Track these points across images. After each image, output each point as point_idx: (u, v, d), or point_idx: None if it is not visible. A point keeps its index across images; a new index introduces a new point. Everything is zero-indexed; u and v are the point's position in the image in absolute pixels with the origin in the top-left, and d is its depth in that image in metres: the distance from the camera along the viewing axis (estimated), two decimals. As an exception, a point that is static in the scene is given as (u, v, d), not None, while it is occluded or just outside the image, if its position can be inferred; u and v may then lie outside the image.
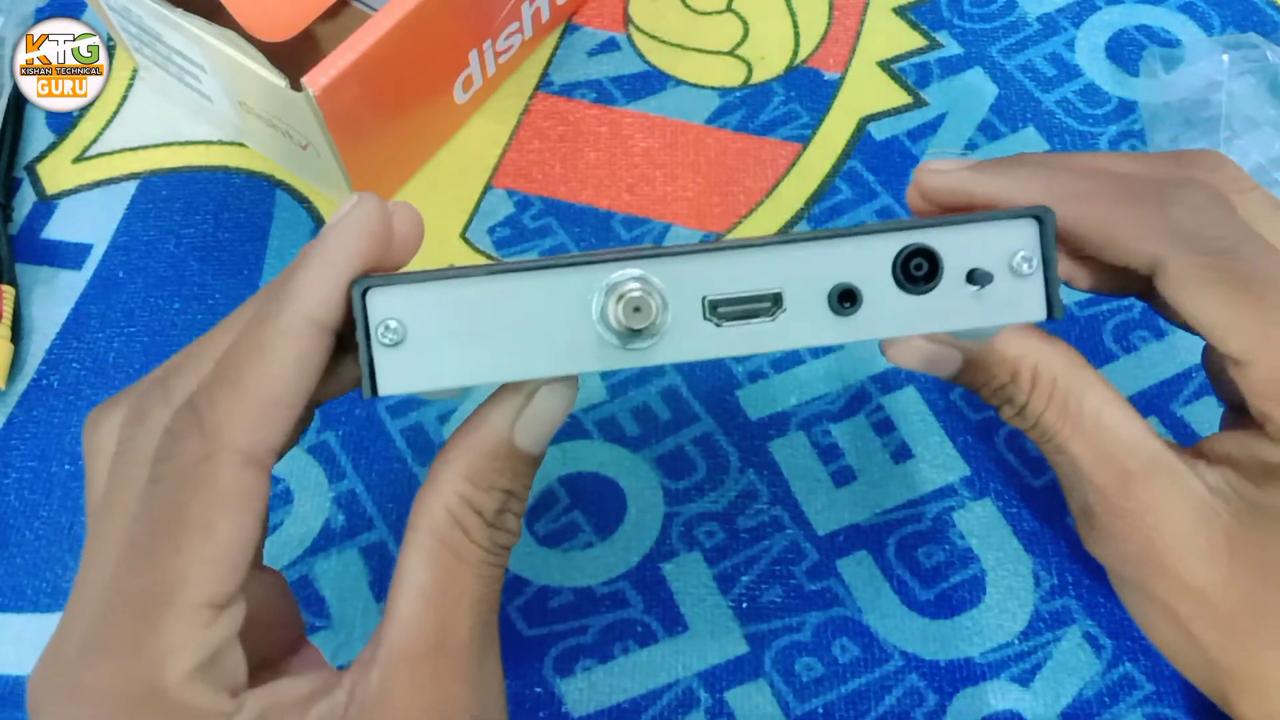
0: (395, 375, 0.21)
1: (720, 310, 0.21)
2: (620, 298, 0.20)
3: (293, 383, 0.20)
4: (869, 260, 0.21)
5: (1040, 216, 0.21)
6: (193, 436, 0.20)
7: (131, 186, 0.43)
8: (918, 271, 0.21)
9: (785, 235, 0.21)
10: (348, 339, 0.22)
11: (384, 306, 0.21)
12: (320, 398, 0.23)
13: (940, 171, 0.26)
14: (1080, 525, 0.28)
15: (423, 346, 0.21)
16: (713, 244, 0.21)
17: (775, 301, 0.21)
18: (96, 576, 0.20)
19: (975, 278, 0.21)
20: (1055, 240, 0.21)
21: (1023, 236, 0.21)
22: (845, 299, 0.21)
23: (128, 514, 0.20)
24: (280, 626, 0.24)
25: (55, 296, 0.40)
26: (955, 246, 0.21)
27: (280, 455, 0.21)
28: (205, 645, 0.20)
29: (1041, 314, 0.22)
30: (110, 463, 0.22)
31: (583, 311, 0.21)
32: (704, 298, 0.21)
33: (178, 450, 0.20)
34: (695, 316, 0.21)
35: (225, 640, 0.20)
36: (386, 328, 0.20)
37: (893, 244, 0.21)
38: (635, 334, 0.21)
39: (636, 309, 0.20)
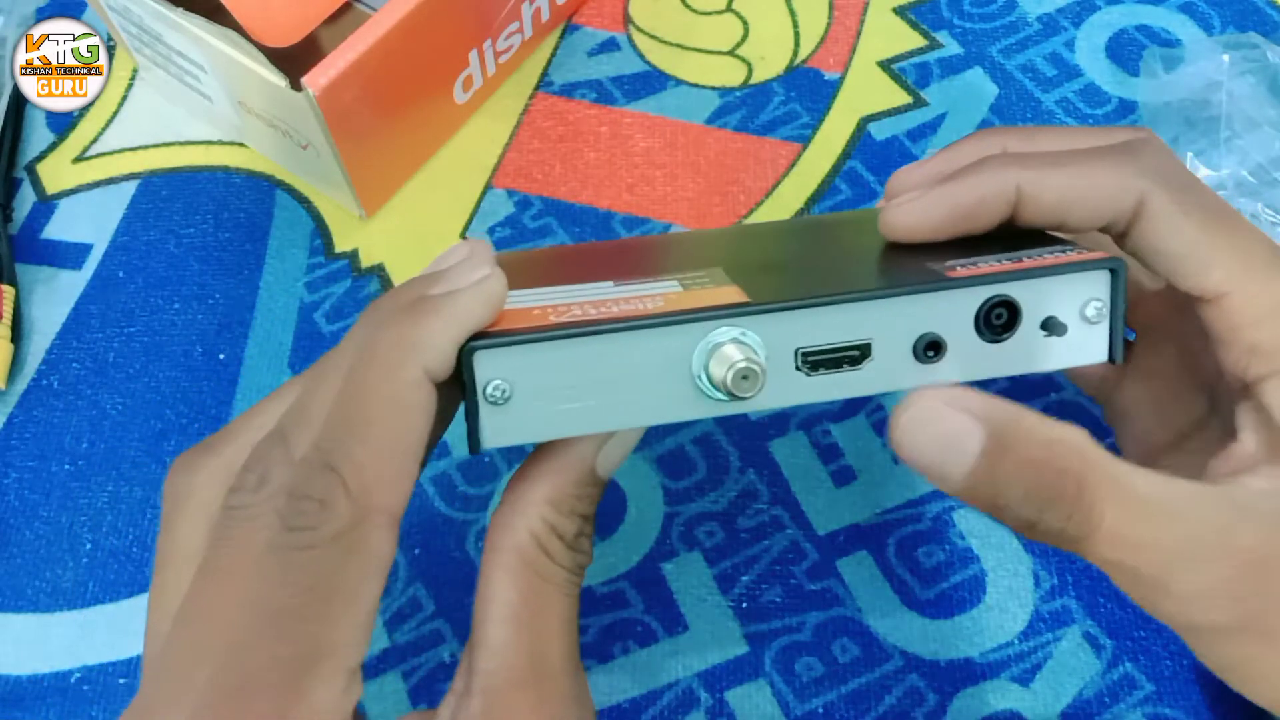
0: (500, 431, 0.21)
1: (811, 360, 0.22)
2: (729, 366, 0.21)
3: (423, 436, 0.21)
4: (954, 311, 0.22)
5: (1115, 269, 0.22)
6: (342, 500, 0.20)
7: (131, 186, 0.43)
8: (998, 321, 0.22)
9: (876, 289, 0.22)
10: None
11: (491, 368, 0.21)
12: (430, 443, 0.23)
13: (907, 208, 0.25)
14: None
15: (527, 403, 0.21)
16: (809, 298, 0.21)
17: (864, 351, 0.22)
18: (212, 642, 0.19)
19: (1050, 325, 0.22)
20: (1126, 289, 0.22)
21: (1096, 285, 0.22)
22: (931, 348, 0.22)
23: (253, 578, 0.20)
24: None
25: (55, 296, 0.40)
26: (1034, 297, 0.22)
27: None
28: (340, 712, 0.20)
29: (1104, 356, 0.23)
30: (219, 521, 0.21)
31: (683, 367, 0.21)
32: (797, 349, 0.22)
33: (329, 515, 0.19)
34: (788, 367, 0.22)
35: (353, 707, 0.20)
36: (494, 387, 0.21)
37: (978, 296, 0.22)
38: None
39: (745, 377, 0.21)
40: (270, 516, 0.20)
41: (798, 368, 0.22)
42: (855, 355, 0.22)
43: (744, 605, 0.33)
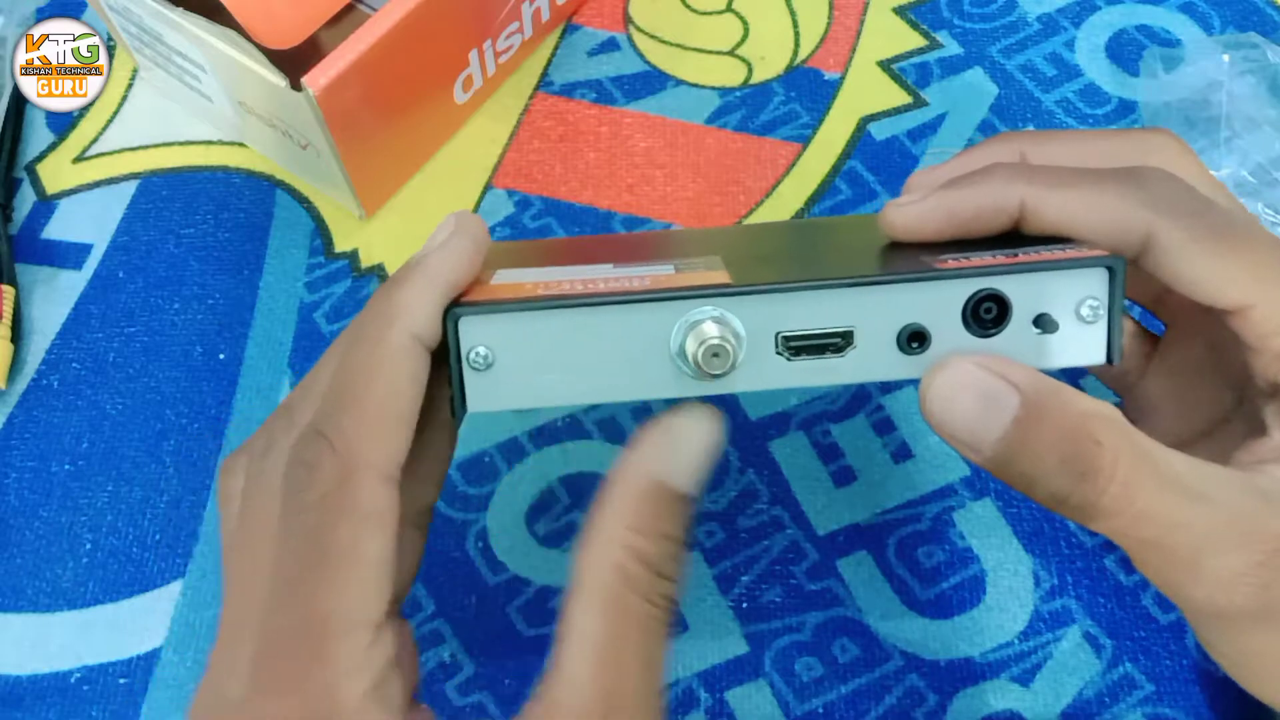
0: (484, 396, 0.22)
1: (792, 345, 0.22)
2: (701, 342, 0.21)
3: (408, 398, 0.21)
4: (941, 303, 0.22)
5: (1112, 267, 0.22)
6: (328, 460, 0.20)
7: (131, 186, 0.43)
8: (987, 315, 0.22)
9: (861, 277, 0.22)
10: (438, 355, 0.23)
11: (474, 334, 0.22)
12: (438, 418, 0.24)
13: (908, 208, 0.25)
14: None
15: (509, 371, 0.22)
16: (790, 283, 0.22)
17: (846, 339, 0.22)
18: (244, 615, 0.20)
19: (1042, 323, 0.22)
20: (1124, 288, 0.22)
21: (1092, 284, 0.22)
22: (915, 339, 0.22)
23: (267, 548, 0.20)
24: (408, 675, 0.23)
25: (55, 296, 0.40)
26: (1026, 292, 0.22)
27: (429, 508, 0.22)
28: (371, 666, 0.20)
29: (1101, 358, 0.22)
30: (240, 499, 0.22)
31: (661, 345, 0.22)
32: (778, 333, 0.22)
33: (316, 477, 0.20)
34: (768, 350, 0.22)
35: (388, 662, 0.20)
36: (476, 354, 0.22)
37: (965, 289, 0.22)
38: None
39: (715, 355, 0.21)
40: (278, 488, 0.21)
41: (778, 352, 0.22)
42: (837, 342, 0.22)
43: (744, 605, 0.33)
